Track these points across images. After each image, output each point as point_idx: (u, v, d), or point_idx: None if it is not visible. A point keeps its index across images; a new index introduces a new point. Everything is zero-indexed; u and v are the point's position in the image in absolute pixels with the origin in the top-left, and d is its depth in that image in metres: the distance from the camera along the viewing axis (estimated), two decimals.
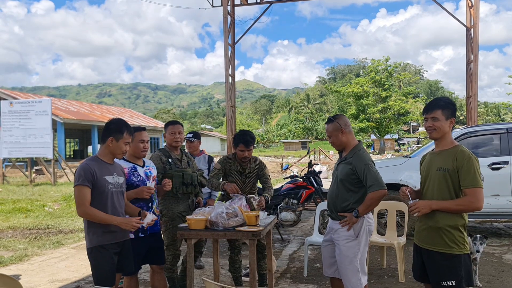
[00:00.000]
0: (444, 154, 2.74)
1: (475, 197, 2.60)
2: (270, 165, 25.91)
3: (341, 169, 3.31)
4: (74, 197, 2.98)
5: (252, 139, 4.12)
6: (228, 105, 10.83)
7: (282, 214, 6.78)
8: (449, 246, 2.67)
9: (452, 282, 2.64)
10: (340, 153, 3.44)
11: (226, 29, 10.60)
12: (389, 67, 47.71)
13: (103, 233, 2.99)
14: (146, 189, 3.40)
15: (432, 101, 2.85)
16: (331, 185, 3.44)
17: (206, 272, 5.21)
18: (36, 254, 6.29)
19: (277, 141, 73.52)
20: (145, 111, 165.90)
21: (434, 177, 2.75)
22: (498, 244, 6.37)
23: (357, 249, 3.23)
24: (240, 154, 4.10)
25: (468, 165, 2.61)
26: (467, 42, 10.48)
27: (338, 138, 3.31)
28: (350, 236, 3.23)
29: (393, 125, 48.34)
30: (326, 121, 3.42)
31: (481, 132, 6.69)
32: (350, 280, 3.23)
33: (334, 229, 3.33)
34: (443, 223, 2.68)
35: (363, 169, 3.15)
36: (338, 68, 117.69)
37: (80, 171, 2.96)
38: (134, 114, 37.85)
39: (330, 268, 3.43)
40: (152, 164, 3.76)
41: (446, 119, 2.72)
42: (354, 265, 3.22)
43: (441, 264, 2.69)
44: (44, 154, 16.85)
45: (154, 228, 3.56)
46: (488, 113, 75.66)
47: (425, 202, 2.72)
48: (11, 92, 23.81)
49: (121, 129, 3.07)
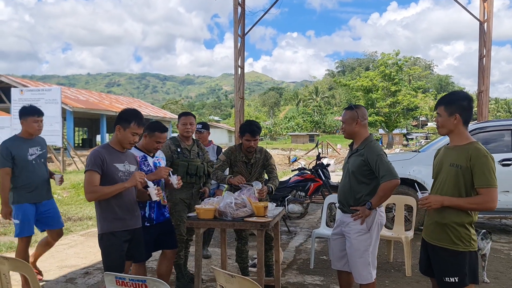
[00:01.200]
0: (458, 150, 2.67)
1: (489, 196, 2.54)
2: (278, 158, 25.91)
3: (352, 162, 3.29)
4: (84, 183, 3.01)
5: (258, 129, 4.15)
6: (237, 96, 10.80)
7: (290, 206, 6.79)
8: (454, 243, 2.63)
9: (455, 278, 2.62)
10: (350, 146, 3.43)
11: (236, 20, 10.54)
12: (399, 61, 47.22)
13: (114, 220, 3.02)
14: (164, 169, 3.44)
15: (442, 96, 2.84)
16: (342, 178, 3.42)
17: (213, 262, 5.25)
18: None
19: (284, 134, 73.37)
20: (153, 101, 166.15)
21: (446, 173, 2.69)
22: (506, 241, 6.34)
23: (368, 243, 3.23)
24: (246, 143, 4.11)
25: (483, 163, 2.53)
26: (480, 36, 10.33)
27: (352, 127, 3.29)
28: (362, 230, 3.22)
29: (402, 119, 47.95)
30: (346, 108, 3.40)
31: (492, 128, 6.62)
32: (360, 273, 3.23)
33: (345, 222, 3.32)
34: (449, 220, 2.64)
35: (375, 159, 3.14)
36: (348, 61, 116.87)
37: (91, 157, 2.99)
38: (143, 104, 37.96)
39: (340, 262, 3.43)
40: (162, 155, 3.80)
41: (449, 115, 2.65)
42: (365, 259, 3.22)
43: (445, 260, 2.67)
44: (54, 142, 16.97)
45: (161, 218, 3.60)
46: (499, 109, 74.82)
47: (437, 198, 2.66)
48: (22, 80, 23.98)
49: (128, 119, 3.07)
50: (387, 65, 46.83)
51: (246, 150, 4.18)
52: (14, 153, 3.89)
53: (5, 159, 3.86)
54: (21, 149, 3.95)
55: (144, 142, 3.55)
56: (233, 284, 1.94)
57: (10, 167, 3.88)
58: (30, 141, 4.03)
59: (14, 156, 3.89)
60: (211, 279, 4.52)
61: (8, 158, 3.86)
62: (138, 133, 3.12)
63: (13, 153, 3.89)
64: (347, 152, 3.54)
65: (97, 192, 2.94)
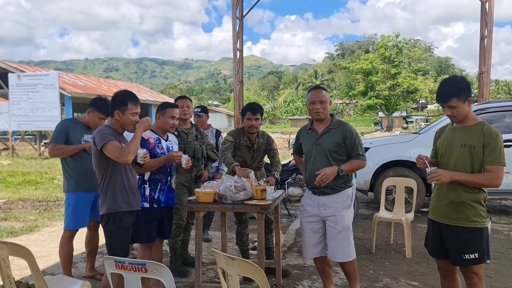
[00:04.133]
0: (469, 130, 2.69)
1: (497, 174, 2.60)
2: (277, 141, 25.87)
3: (325, 141, 3.27)
4: (108, 154, 2.91)
5: (259, 107, 4.12)
6: (236, 80, 10.70)
7: (290, 190, 6.80)
8: (472, 220, 2.66)
9: (475, 254, 2.65)
10: (311, 128, 3.38)
11: (234, 2, 10.37)
12: (399, 43, 46.81)
13: (120, 201, 3.01)
14: (176, 153, 3.47)
15: (444, 88, 2.69)
16: (315, 161, 3.31)
17: (213, 245, 5.27)
18: (46, 225, 6.40)
19: (284, 118, 73.23)
20: (152, 86, 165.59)
21: (458, 153, 2.70)
22: (506, 222, 6.37)
23: (352, 217, 3.32)
24: (248, 123, 4.06)
25: (495, 142, 2.59)
26: (482, 16, 10.19)
27: (327, 108, 3.32)
28: (347, 205, 3.27)
29: (402, 102, 47.75)
30: (321, 88, 3.40)
31: (493, 109, 6.58)
32: (346, 251, 3.24)
33: (325, 204, 3.28)
34: (466, 198, 2.67)
35: (354, 137, 3.25)
36: (347, 44, 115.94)
37: (101, 132, 2.94)
38: (141, 89, 37.74)
39: (315, 248, 3.39)
40: (175, 140, 3.81)
41: (464, 102, 2.65)
42: (351, 234, 3.29)
43: (464, 238, 2.68)
44: (52, 128, 16.80)
45: (169, 202, 3.63)
46: (499, 91, 74.52)
47: (447, 172, 2.67)
48: (19, 66, 23.72)
49: (124, 101, 3.04)
50: (387, 48, 46.42)
51: (248, 131, 4.12)
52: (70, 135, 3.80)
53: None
54: (77, 132, 3.85)
55: (159, 123, 3.61)
56: (234, 266, 1.93)
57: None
58: (88, 129, 3.93)
59: (69, 138, 3.79)
60: (211, 262, 4.54)
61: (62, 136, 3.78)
62: (137, 112, 3.10)
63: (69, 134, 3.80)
64: (302, 136, 3.49)
65: (130, 151, 2.89)
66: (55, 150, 3.79)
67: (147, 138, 3.52)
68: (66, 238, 3.90)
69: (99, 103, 3.85)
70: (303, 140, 3.47)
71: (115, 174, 3.00)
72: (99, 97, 3.95)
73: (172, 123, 3.59)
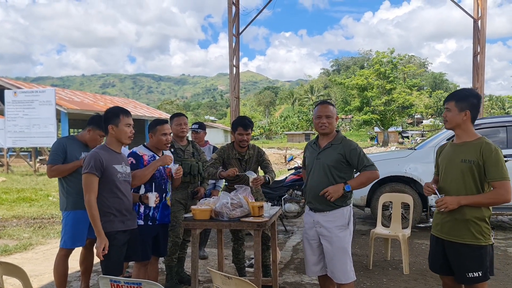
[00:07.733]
0: (468, 146, 2.71)
1: (504, 189, 2.59)
2: (274, 157, 25.89)
3: (326, 156, 3.23)
4: (82, 185, 2.96)
5: (250, 123, 4.15)
6: (232, 95, 10.76)
7: (286, 206, 6.77)
8: (476, 238, 2.65)
9: (478, 273, 2.64)
10: (316, 143, 3.36)
11: (230, 19, 10.50)
12: (394, 59, 47.33)
13: (115, 220, 3.00)
14: (168, 156, 3.55)
15: (454, 91, 2.85)
16: (313, 175, 3.28)
17: (210, 263, 5.22)
18: (41, 243, 6.32)
19: (280, 133, 73.34)
20: (148, 102, 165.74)
21: (457, 169, 2.71)
22: (503, 237, 6.35)
23: (349, 238, 3.22)
24: (239, 137, 4.09)
25: (495, 157, 2.60)
26: (474, 33, 10.34)
27: (333, 123, 3.30)
28: (342, 226, 3.19)
29: (397, 117, 48.04)
30: (328, 102, 3.38)
31: (487, 125, 6.62)
32: (344, 272, 3.15)
33: (319, 222, 3.23)
34: (470, 215, 2.66)
35: (358, 151, 3.19)
36: (342, 60, 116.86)
37: (90, 159, 2.95)
38: (138, 105, 37.78)
39: (317, 266, 3.33)
40: (171, 156, 3.80)
41: (460, 111, 2.69)
42: (349, 255, 3.20)
43: (468, 255, 2.67)
44: (48, 144, 16.87)
45: (165, 219, 3.63)
46: (493, 106, 75.08)
47: (453, 198, 2.68)
48: (15, 82, 23.75)
49: (116, 114, 3.07)
50: (382, 63, 46.90)
51: (239, 145, 4.14)
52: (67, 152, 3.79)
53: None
54: (74, 150, 3.83)
55: (153, 142, 3.63)
56: (230, 285, 1.92)
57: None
58: (86, 147, 3.91)
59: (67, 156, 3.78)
60: (208, 279, 4.49)
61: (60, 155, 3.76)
62: (130, 123, 3.11)
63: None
64: (307, 149, 3.48)
65: (92, 207, 2.91)
66: (52, 171, 3.77)
67: (141, 155, 3.53)
68: (61, 257, 3.85)
69: (99, 121, 3.85)
70: (307, 153, 3.46)
71: (109, 194, 2.99)
72: (98, 114, 3.95)
73: (165, 139, 3.60)
